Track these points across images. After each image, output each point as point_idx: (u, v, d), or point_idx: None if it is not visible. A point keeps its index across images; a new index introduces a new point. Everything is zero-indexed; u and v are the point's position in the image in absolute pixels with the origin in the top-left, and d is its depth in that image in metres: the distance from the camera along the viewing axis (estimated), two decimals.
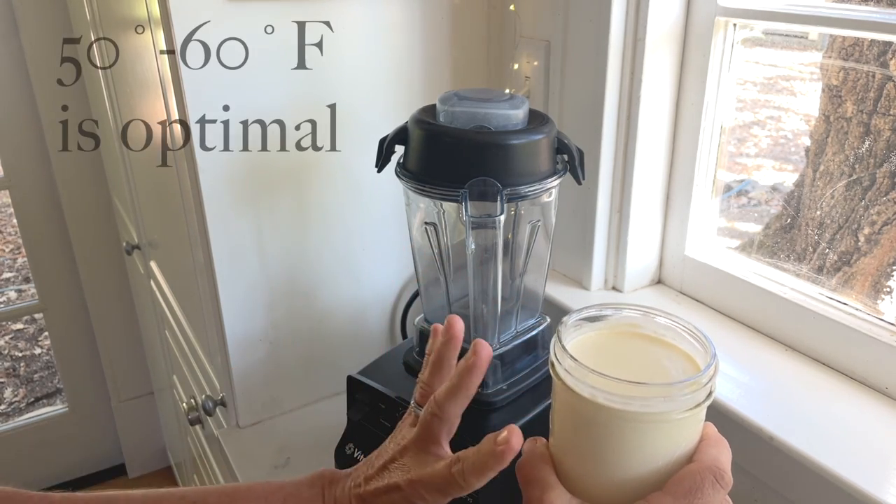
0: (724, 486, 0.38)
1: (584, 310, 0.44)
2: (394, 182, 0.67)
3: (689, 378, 0.38)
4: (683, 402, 0.37)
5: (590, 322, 0.44)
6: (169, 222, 1.09)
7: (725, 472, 0.38)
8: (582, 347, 0.42)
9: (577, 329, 0.44)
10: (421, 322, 0.74)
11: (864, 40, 0.75)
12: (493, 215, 0.61)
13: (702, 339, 0.41)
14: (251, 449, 0.90)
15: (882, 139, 0.75)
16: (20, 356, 2.99)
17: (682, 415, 0.37)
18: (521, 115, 0.64)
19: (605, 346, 0.43)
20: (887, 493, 0.55)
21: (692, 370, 0.40)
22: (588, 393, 0.38)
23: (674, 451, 0.39)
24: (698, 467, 0.38)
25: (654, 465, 0.38)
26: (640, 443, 0.38)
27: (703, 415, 0.40)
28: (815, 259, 0.81)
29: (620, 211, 0.87)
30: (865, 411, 0.67)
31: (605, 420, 0.38)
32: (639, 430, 0.38)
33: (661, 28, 0.79)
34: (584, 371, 0.38)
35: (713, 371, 0.39)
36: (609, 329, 0.44)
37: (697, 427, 0.40)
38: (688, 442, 0.39)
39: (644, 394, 0.37)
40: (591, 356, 0.39)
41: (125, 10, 1.00)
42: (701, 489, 0.37)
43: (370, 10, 0.83)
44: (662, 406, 0.37)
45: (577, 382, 0.38)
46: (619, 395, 0.37)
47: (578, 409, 0.39)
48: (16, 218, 1.92)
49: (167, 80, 0.80)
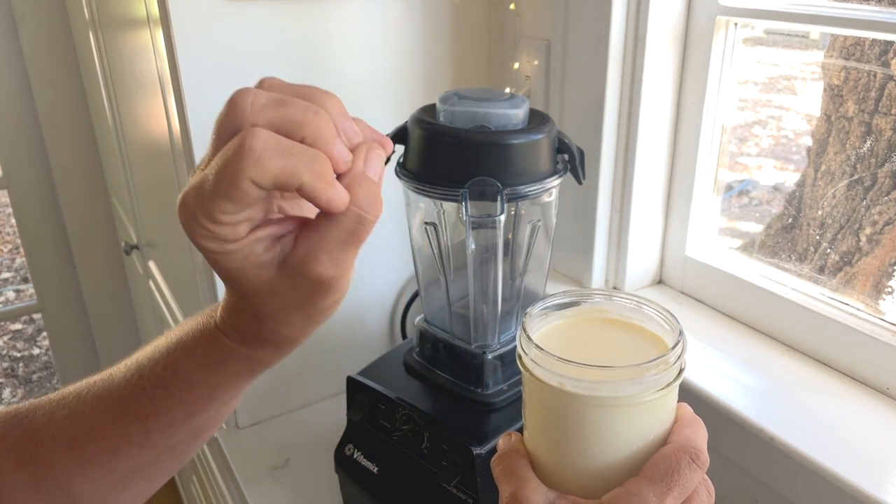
0: (701, 466, 0.37)
1: (550, 298, 0.43)
2: (394, 182, 0.67)
3: (656, 358, 0.37)
4: (653, 383, 0.37)
5: (557, 310, 0.44)
6: (168, 222, 1.09)
7: (701, 452, 0.38)
8: (548, 336, 0.42)
9: (544, 318, 0.43)
10: (421, 322, 0.74)
11: (865, 40, 0.75)
12: (493, 215, 0.60)
13: (669, 319, 0.41)
14: (250, 449, 0.90)
15: (883, 139, 0.74)
16: (19, 356, 2.99)
17: (652, 396, 0.37)
18: (521, 115, 0.64)
19: (571, 334, 0.43)
20: (887, 493, 0.55)
21: (661, 351, 0.40)
22: (556, 381, 0.37)
23: (647, 434, 0.38)
24: (673, 449, 0.37)
25: (629, 450, 0.38)
26: (613, 428, 0.38)
27: (674, 395, 0.39)
28: (816, 259, 0.81)
29: (621, 211, 0.87)
30: (866, 411, 0.67)
31: (575, 408, 0.37)
32: (609, 415, 0.37)
33: (662, 27, 0.79)
34: (550, 359, 0.37)
35: (681, 349, 0.38)
36: (576, 316, 0.44)
37: (670, 408, 0.39)
38: (661, 424, 0.39)
39: (612, 377, 0.36)
40: (557, 344, 0.39)
41: (124, 10, 1.00)
42: (677, 470, 0.36)
43: (370, 9, 0.83)
44: (631, 389, 0.36)
45: (544, 372, 0.38)
46: (586, 381, 0.36)
47: (547, 399, 0.38)
48: (14, 218, 1.92)
49: (166, 79, 0.80)
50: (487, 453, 0.62)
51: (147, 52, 0.88)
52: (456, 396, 0.69)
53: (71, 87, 1.76)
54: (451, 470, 0.63)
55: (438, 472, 0.64)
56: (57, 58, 1.72)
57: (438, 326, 0.73)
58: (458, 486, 0.63)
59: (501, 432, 0.64)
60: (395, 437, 0.70)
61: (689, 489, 0.37)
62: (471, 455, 0.62)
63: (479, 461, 0.62)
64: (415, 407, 0.68)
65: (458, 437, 0.63)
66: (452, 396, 0.69)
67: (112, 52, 1.24)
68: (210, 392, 0.43)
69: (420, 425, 0.67)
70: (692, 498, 0.37)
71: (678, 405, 0.40)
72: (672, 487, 0.36)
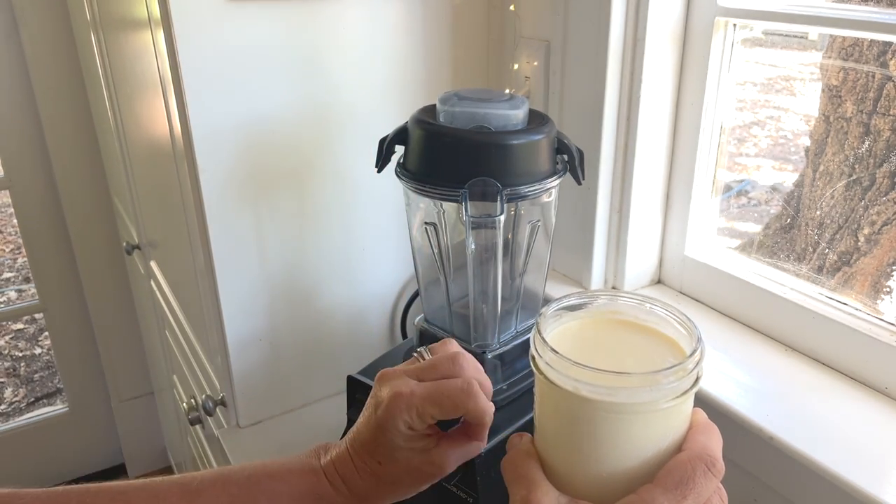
0: (717, 474, 0.37)
1: (564, 298, 0.43)
2: (394, 182, 0.67)
3: (674, 365, 0.36)
4: (670, 391, 0.36)
5: (570, 311, 0.43)
6: (169, 222, 1.10)
7: (717, 460, 0.37)
8: (562, 338, 0.41)
9: (557, 319, 0.42)
10: (421, 322, 0.74)
11: (863, 40, 0.75)
12: (493, 215, 0.61)
13: (686, 324, 0.40)
14: (251, 449, 0.90)
15: (882, 139, 0.75)
16: (20, 356, 2.99)
17: (669, 403, 0.36)
18: (520, 116, 0.64)
19: (586, 336, 0.42)
20: (887, 493, 0.55)
21: (677, 356, 0.39)
22: (571, 386, 0.37)
23: (662, 441, 0.38)
24: (688, 456, 0.37)
25: (643, 456, 0.37)
26: (628, 435, 0.37)
27: (690, 402, 0.38)
28: (814, 259, 0.81)
29: (620, 211, 0.87)
30: (865, 411, 0.67)
31: (591, 413, 0.37)
32: (625, 421, 0.37)
33: (661, 28, 0.79)
34: (567, 363, 0.37)
35: (699, 356, 0.37)
36: (590, 318, 0.43)
37: (686, 415, 0.39)
38: (676, 431, 0.38)
39: (629, 384, 0.36)
40: (572, 347, 0.38)
41: (125, 11, 1.00)
42: (692, 479, 0.36)
43: (370, 10, 0.83)
44: (648, 396, 0.36)
45: (559, 376, 0.37)
46: (603, 387, 0.36)
47: (562, 403, 0.38)
48: (16, 218, 1.92)
49: (167, 80, 0.80)
50: (487, 453, 0.63)
51: (148, 53, 0.88)
52: None
53: (72, 88, 1.76)
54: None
55: None
56: (58, 58, 1.72)
57: (438, 326, 0.73)
58: (458, 485, 0.64)
59: (501, 432, 0.65)
60: None
61: (703, 498, 0.36)
62: None
63: (479, 461, 0.62)
64: None
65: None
66: None
67: (113, 52, 1.24)
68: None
69: None
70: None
71: (693, 411, 0.40)
72: (686, 496, 0.35)
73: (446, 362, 0.50)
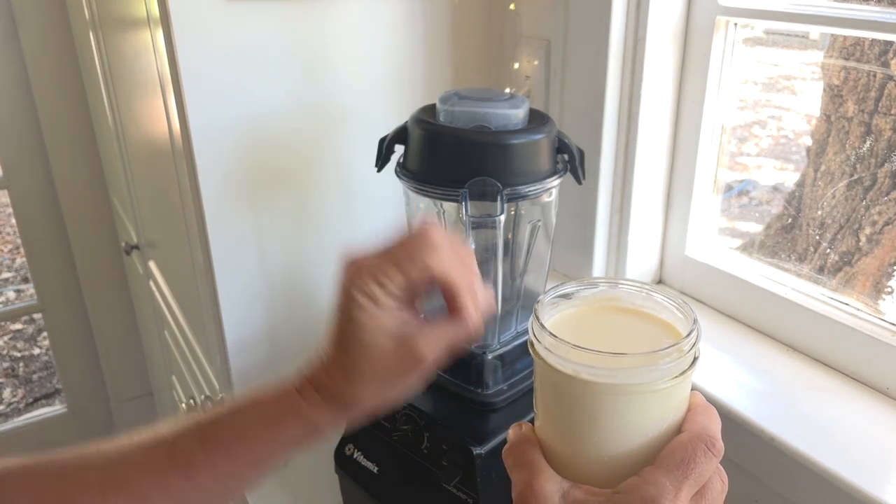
0: (717, 454, 0.37)
1: (560, 287, 0.43)
2: (394, 182, 0.67)
3: (671, 345, 0.37)
4: (668, 371, 0.37)
5: (566, 299, 0.43)
6: (168, 222, 1.09)
7: (716, 440, 0.38)
8: (560, 324, 0.42)
9: (555, 307, 0.43)
10: None
11: (864, 40, 0.75)
12: (493, 215, 0.60)
13: (682, 307, 0.41)
14: None
15: (883, 139, 0.74)
16: (19, 356, 2.99)
17: (667, 383, 0.37)
18: (521, 115, 0.64)
19: (583, 322, 0.43)
20: (887, 493, 0.55)
21: (674, 338, 0.40)
22: (571, 369, 0.37)
23: (662, 422, 0.38)
24: (689, 437, 0.37)
25: (644, 438, 0.38)
26: (628, 416, 0.37)
27: (689, 383, 0.39)
28: (816, 259, 0.81)
29: (621, 211, 0.87)
30: (866, 411, 0.67)
31: (591, 395, 0.37)
32: (625, 402, 0.37)
33: (662, 27, 0.79)
34: (566, 347, 0.37)
35: (695, 336, 0.38)
36: (587, 305, 0.44)
37: (684, 396, 0.39)
38: (676, 412, 0.39)
39: (628, 364, 0.36)
40: (569, 332, 0.38)
41: (124, 10, 1.00)
42: (693, 459, 0.36)
43: (370, 9, 0.83)
44: (647, 376, 0.36)
45: (558, 360, 0.38)
46: (602, 369, 0.36)
47: (562, 387, 0.38)
48: (14, 218, 1.92)
49: (166, 79, 0.80)
50: (487, 453, 0.63)
51: (147, 52, 0.88)
52: (456, 396, 0.69)
53: (71, 88, 1.76)
54: (451, 470, 0.63)
55: (438, 472, 0.64)
56: (57, 58, 1.72)
57: None
58: (458, 485, 0.63)
59: (501, 432, 0.64)
60: (396, 437, 0.70)
61: (704, 477, 0.37)
62: (471, 455, 0.62)
63: (479, 461, 0.62)
64: (415, 407, 0.68)
65: (459, 437, 0.63)
66: (452, 396, 0.69)
67: (112, 52, 1.24)
68: (260, 451, 0.46)
69: (420, 425, 0.67)
70: (707, 487, 0.37)
71: (691, 393, 0.40)
72: (688, 475, 0.36)
73: (416, 235, 0.45)
